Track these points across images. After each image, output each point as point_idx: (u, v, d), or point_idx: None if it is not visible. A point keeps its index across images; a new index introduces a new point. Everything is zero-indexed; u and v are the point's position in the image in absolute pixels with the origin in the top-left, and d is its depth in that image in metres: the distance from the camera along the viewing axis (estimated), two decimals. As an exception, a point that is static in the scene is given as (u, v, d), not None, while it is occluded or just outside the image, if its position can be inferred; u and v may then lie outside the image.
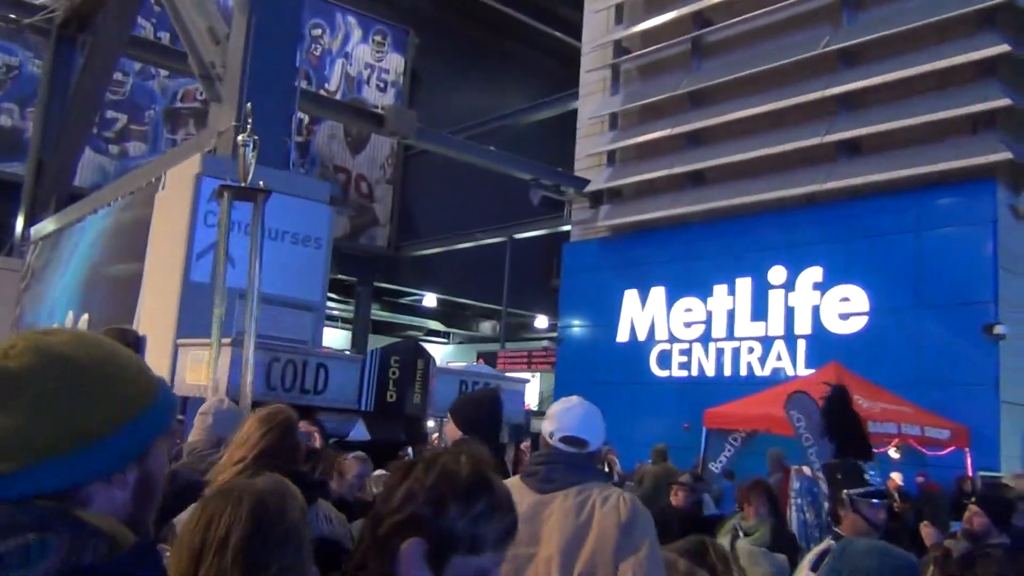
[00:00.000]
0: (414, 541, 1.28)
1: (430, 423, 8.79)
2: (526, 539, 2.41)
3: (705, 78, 15.62)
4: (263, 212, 5.65)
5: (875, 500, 3.33)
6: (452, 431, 3.77)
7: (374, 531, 1.35)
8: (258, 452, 2.73)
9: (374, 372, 6.63)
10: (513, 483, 2.60)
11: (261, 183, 5.69)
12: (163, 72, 20.39)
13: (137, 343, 6.74)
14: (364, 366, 6.71)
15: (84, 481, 1.05)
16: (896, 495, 9.44)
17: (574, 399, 2.72)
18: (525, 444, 8.33)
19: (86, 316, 9.92)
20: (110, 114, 20.07)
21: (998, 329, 11.49)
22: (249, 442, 2.77)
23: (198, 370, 6.58)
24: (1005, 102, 11.77)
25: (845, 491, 3.34)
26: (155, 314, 7.90)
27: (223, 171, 7.87)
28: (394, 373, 6.68)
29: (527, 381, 8.12)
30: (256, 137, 5.76)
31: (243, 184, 5.58)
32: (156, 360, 6.96)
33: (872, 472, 3.43)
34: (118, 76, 19.54)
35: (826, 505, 7.34)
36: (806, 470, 7.23)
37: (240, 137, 5.71)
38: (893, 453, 10.67)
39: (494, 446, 3.75)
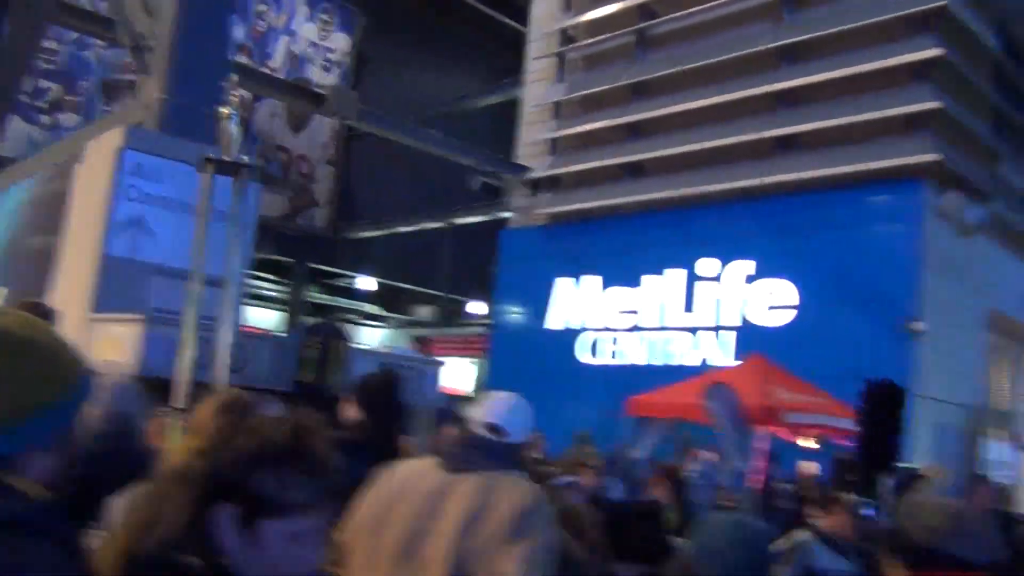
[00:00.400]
0: (223, 506, 1.31)
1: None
2: (428, 513, 2.46)
3: (648, 70, 15.72)
4: (246, 189, 5.44)
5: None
6: (349, 411, 3.76)
7: (193, 497, 1.35)
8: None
9: (293, 352, 6.57)
10: (427, 462, 2.63)
11: (245, 158, 5.49)
12: (100, 42, 19.83)
13: (48, 316, 6.57)
14: (283, 346, 6.65)
15: (25, 450, 1.12)
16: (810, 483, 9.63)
17: (509, 393, 2.76)
18: (448, 428, 8.28)
19: (3, 290, 9.64)
20: (42, 83, 19.48)
21: (917, 325, 11.79)
22: (202, 430, 2.77)
23: (111, 345, 6.45)
24: (936, 105, 12.05)
25: (854, 496, 3.28)
26: (70, 288, 7.72)
27: (146, 144, 7.72)
28: (313, 354, 6.63)
29: (442, 363, 8.12)
30: (239, 111, 5.58)
31: (225, 158, 5.37)
32: (70, 335, 6.79)
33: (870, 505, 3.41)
34: (51, 45, 18.96)
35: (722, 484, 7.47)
36: (708, 455, 7.35)
37: (225, 109, 5.51)
38: (813, 444, 10.89)
39: (392, 425, 3.75)
